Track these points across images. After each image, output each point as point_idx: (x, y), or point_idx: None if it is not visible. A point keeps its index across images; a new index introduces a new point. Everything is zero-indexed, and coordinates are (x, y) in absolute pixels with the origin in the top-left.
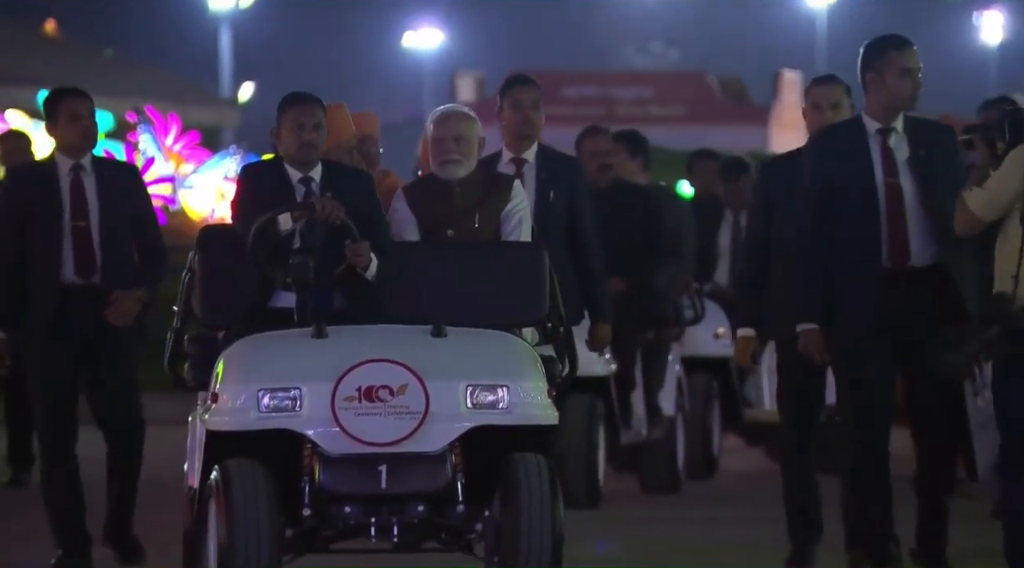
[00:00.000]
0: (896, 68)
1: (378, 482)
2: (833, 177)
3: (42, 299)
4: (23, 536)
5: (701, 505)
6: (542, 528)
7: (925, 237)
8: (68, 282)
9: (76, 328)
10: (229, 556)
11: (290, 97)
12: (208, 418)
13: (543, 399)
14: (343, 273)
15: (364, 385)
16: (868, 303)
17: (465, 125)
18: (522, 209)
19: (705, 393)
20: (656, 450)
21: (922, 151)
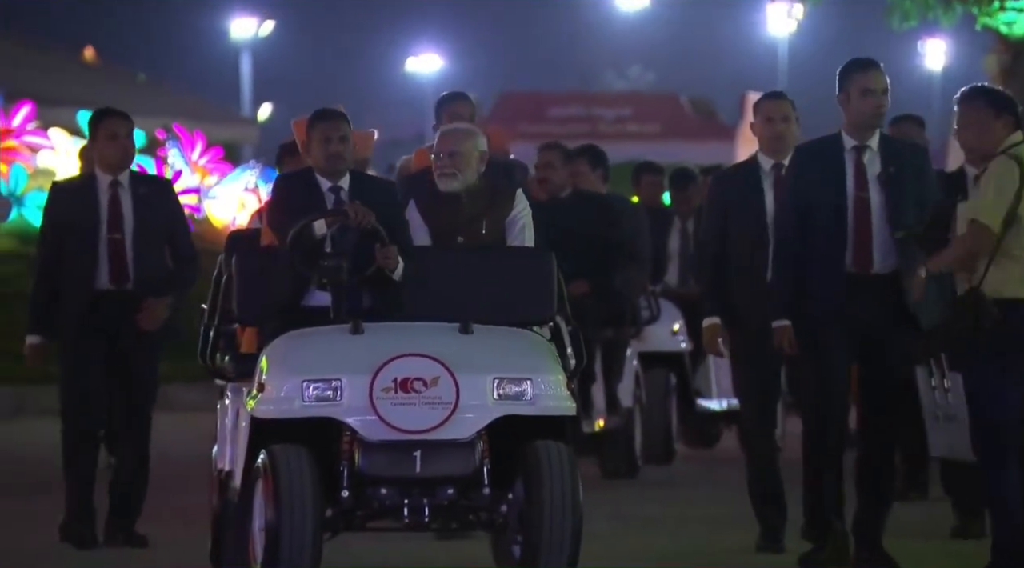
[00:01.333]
0: (859, 88)
1: (413, 466)
2: (809, 189)
3: (76, 304)
4: (28, 519)
5: (661, 488)
6: (564, 510)
7: (887, 248)
8: (102, 289)
9: (106, 329)
10: (276, 533)
11: (319, 113)
12: (255, 406)
13: (563, 391)
14: (372, 274)
15: (400, 377)
16: (832, 303)
17: (460, 141)
18: (525, 216)
19: (663, 386)
20: (615, 438)
21: (892, 168)
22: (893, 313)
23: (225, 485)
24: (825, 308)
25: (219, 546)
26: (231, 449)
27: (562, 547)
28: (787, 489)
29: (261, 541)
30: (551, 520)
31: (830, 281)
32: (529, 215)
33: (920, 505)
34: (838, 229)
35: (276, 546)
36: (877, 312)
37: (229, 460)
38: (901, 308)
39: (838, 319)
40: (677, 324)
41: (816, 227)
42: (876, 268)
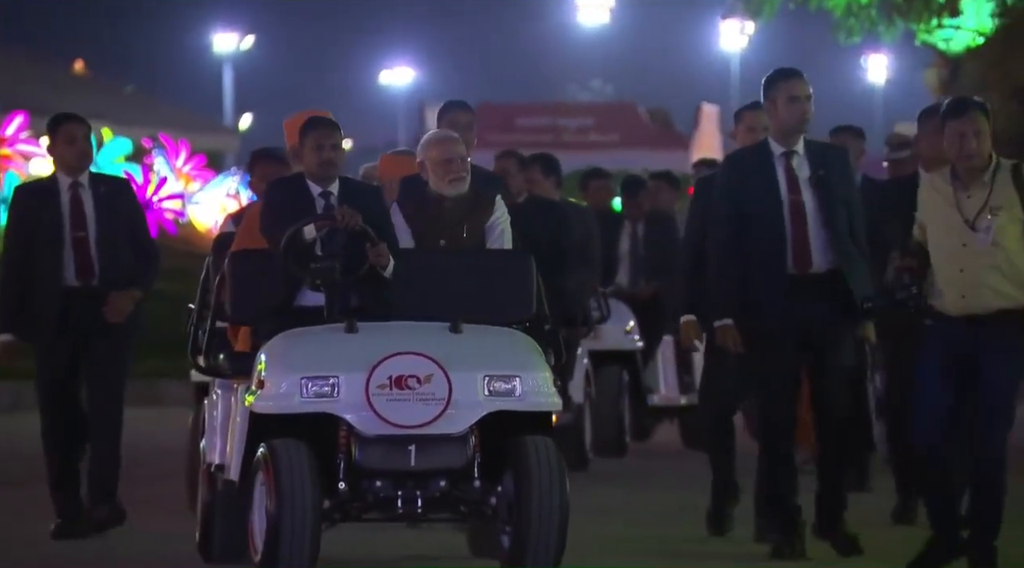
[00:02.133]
0: (785, 96)
1: (408, 460)
2: (744, 194)
3: (46, 300)
4: (21, 510)
5: (613, 480)
6: (552, 502)
7: (824, 246)
8: (69, 285)
9: (76, 325)
10: (277, 524)
11: (311, 121)
12: (255, 402)
13: (549, 388)
14: (365, 273)
15: (395, 374)
16: (776, 303)
17: (460, 146)
18: (503, 221)
19: (616, 383)
20: (566, 433)
21: (821, 171)
22: (834, 309)
23: (215, 478)
24: (769, 308)
25: (208, 537)
26: (221, 442)
27: (550, 537)
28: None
29: (261, 531)
30: (540, 512)
31: (773, 282)
32: (507, 220)
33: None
34: (776, 232)
35: (277, 536)
36: (818, 309)
37: (220, 453)
38: (841, 303)
39: (782, 318)
40: (630, 323)
41: (754, 231)
42: (815, 267)
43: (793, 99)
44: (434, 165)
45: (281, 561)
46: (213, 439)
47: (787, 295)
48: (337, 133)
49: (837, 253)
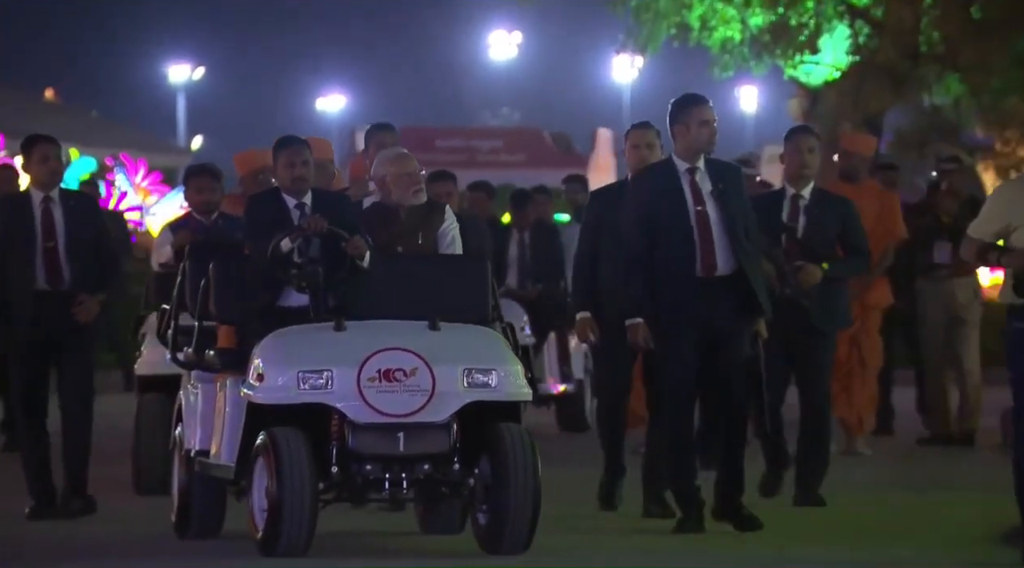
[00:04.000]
0: (697, 120)
1: (397, 445)
2: (653, 206)
3: (20, 304)
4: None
5: None
6: (527, 483)
7: (727, 251)
8: (40, 289)
9: (47, 325)
10: (279, 504)
11: (283, 140)
12: (255, 394)
13: (522, 380)
14: (347, 272)
15: (383, 368)
16: (685, 304)
17: (416, 162)
18: (454, 229)
19: None
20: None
21: (720, 185)
22: (735, 307)
23: (192, 462)
24: (678, 308)
25: (183, 516)
26: (202, 430)
27: (525, 515)
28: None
29: (261, 512)
30: (516, 492)
31: (682, 285)
32: (457, 228)
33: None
34: (685, 239)
35: (279, 516)
36: (722, 308)
37: (200, 440)
38: (741, 302)
39: (689, 318)
40: (524, 320)
41: (665, 239)
42: (720, 271)
43: (704, 123)
44: (396, 179)
45: (283, 538)
46: (192, 427)
47: (695, 295)
48: (307, 150)
49: (738, 257)
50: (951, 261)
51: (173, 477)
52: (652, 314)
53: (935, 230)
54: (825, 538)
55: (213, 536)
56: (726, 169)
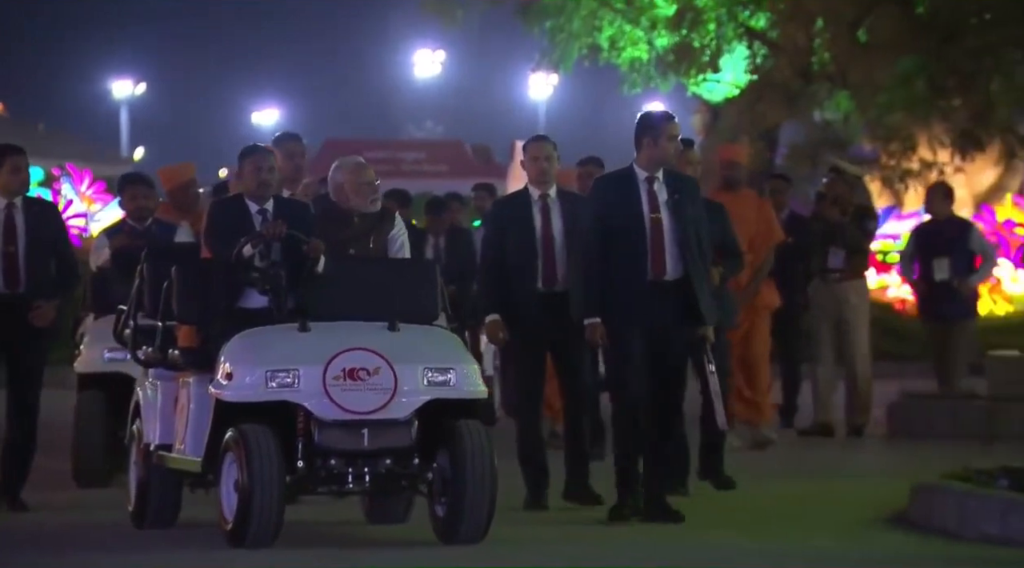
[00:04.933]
0: (667, 135)
1: (361, 441)
2: (611, 212)
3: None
4: None
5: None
6: (484, 477)
7: (676, 258)
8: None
9: (1, 328)
10: (249, 497)
11: (250, 148)
12: (224, 392)
13: (478, 378)
14: (306, 275)
15: (347, 367)
16: (636, 305)
17: (371, 171)
18: (403, 234)
19: None
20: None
21: (676, 195)
22: (680, 310)
23: (151, 455)
24: (629, 309)
25: (142, 507)
26: (162, 425)
27: (482, 507)
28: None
29: (230, 504)
30: (474, 486)
31: (634, 287)
32: (406, 233)
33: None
34: (639, 244)
35: (248, 508)
36: (669, 309)
37: (159, 434)
38: (686, 305)
39: (639, 318)
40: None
41: (620, 243)
42: (669, 275)
43: (672, 138)
44: (355, 187)
45: (251, 529)
46: (152, 422)
47: (645, 297)
48: (272, 158)
49: (686, 264)
50: (844, 266)
51: (130, 470)
52: (605, 314)
53: (829, 237)
54: (734, 524)
55: (169, 526)
56: (684, 180)
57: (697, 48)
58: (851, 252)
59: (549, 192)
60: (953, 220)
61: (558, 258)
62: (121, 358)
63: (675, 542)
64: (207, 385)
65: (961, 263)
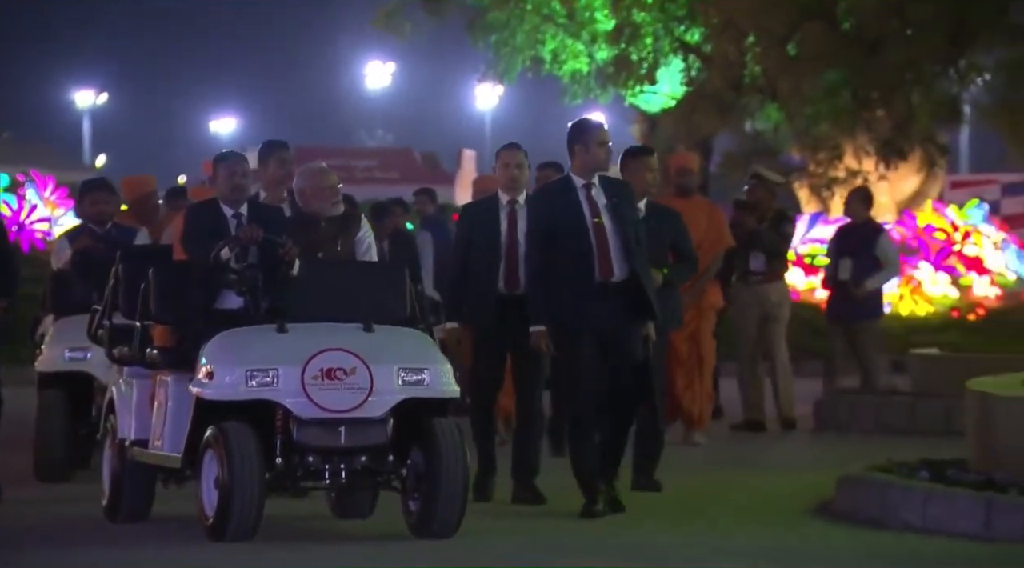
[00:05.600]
0: (597, 141)
1: (339, 438)
2: (552, 219)
3: None
4: None
5: None
6: (457, 474)
7: (622, 259)
8: None
9: None
10: (229, 492)
11: (224, 154)
12: (205, 390)
13: (450, 378)
14: (281, 278)
15: (325, 367)
16: (585, 308)
17: (333, 176)
18: (369, 236)
19: None
20: None
21: (614, 199)
22: (630, 308)
23: (125, 450)
24: (578, 312)
25: (115, 501)
26: (137, 421)
27: (455, 503)
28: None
29: (211, 500)
30: (447, 482)
31: (582, 290)
32: (372, 236)
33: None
34: (584, 249)
35: (229, 503)
36: (618, 309)
37: (134, 430)
38: (635, 304)
39: (589, 320)
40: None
41: (566, 249)
42: (616, 276)
43: (602, 144)
44: (317, 191)
45: (232, 524)
46: (127, 418)
47: (594, 298)
48: (246, 164)
49: (632, 264)
50: (764, 268)
51: (104, 465)
52: (554, 319)
53: (749, 241)
54: (667, 516)
55: (143, 520)
56: (618, 185)
57: (635, 61)
58: (770, 255)
59: (518, 198)
60: (868, 224)
61: (521, 262)
62: (81, 357)
63: (612, 535)
64: (185, 384)
65: (865, 266)
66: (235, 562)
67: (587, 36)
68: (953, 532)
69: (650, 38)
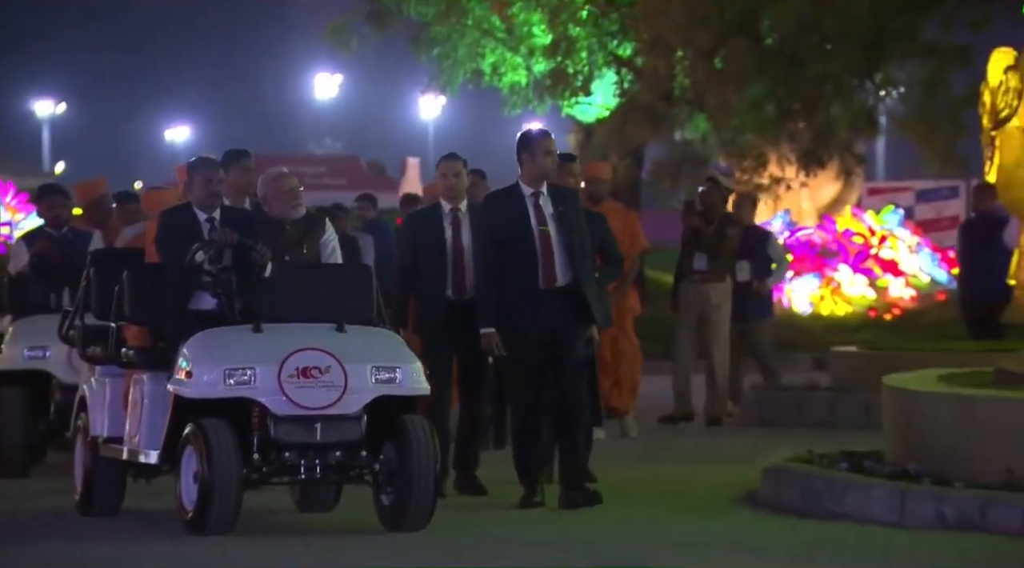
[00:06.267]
0: (543, 150)
1: (315, 434)
2: (502, 226)
3: None
4: None
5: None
6: (428, 468)
7: (565, 265)
8: None
9: None
10: (209, 487)
11: (200, 160)
12: (184, 389)
13: (421, 376)
14: (254, 280)
15: (301, 366)
16: (531, 312)
17: (294, 180)
18: (334, 239)
19: None
20: None
21: (561, 207)
22: (573, 312)
23: (98, 447)
24: (524, 316)
25: (88, 495)
26: (110, 419)
27: (427, 497)
28: None
29: (189, 494)
30: (419, 477)
31: (528, 295)
32: (336, 239)
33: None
34: (530, 255)
35: (209, 497)
36: (562, 313)
37: (107, 427)
38: (578, 308)
39: (534, 323)
40: None
41: (512, 255)
42: (560, 282)
43: (548, 153)
44: (278, 195)
45: (212, 518)
46: (99, 415)
47: (538, 303)
48: (220, 171)
49: (575, 270)
50: (706, 269)
51: (75, 461)
52: (502, 321)
53: (694, 242)
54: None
55: (114, 513)
56: (566, 193)
57: (571, 74)
58: (712, 256)
59: (460, 206)
60: (756, 228)
61: (467, 268)
62: (40, 356)
63: (549, 524)
64: (162, 382)
65: (760, 267)
66: (213, 555)
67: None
68: (870, 519)
69: (585, 52)
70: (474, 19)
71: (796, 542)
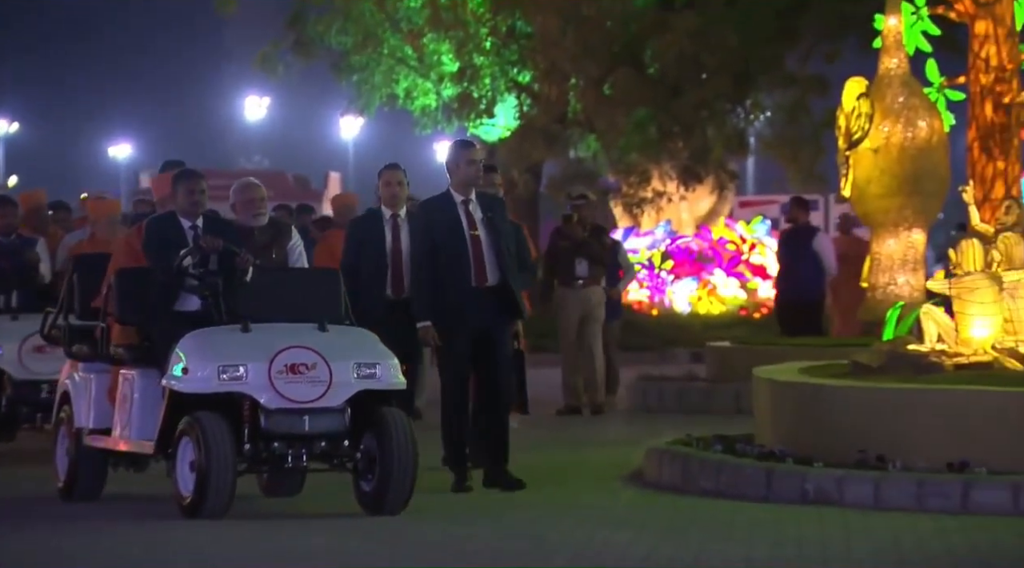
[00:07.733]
0: (466, 159)
1: (303, 426)
2: (435, 231)
3: None
4: None
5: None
6: (407, 457)
7: (495, 266)
8: None
9: None
10: (207, 474)
11: (184, 172)
12: (179, 384)
13: (398, 372)
14: (238, 283)
15: (289, 362)
16: (462, 309)
17: (263, 190)
18: (299, 245)
19: None
20: None
21: (489, 213)
22: (502, 309)
23: (82, 437)
24: (456, 313)
25: (71, 482)
26: (95, 410)
27: (405, 484)
28: None
29: (185, 482)
30: (397, 465)
31: (460, 294)
32: (302, 244)
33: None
34: (462, 257)
35: (206, 483)
36: (492, 310)
37: (92, 419)
38: (505, 307)
39: (465, 320)
40: None
41: (446, 257)
42: (489, 282)
43: (471, 162)
44: (246, 203)
45: (208, 503)
46: (84, 408)
47: (471, 301)
48: (203, 181)
49: (503, 271)
50: (587, 274)
51: (57, 451)
52: (436, 317)
53: (575, 251)
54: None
55: (96, 499)
56: (493, 200)
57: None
58: (592, 263)
59: (399, 212)
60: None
61: (406, 270)
62: None
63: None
64: (152, 378)
65: (611, 273)
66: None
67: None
68: (741, 496)
69: (488, 79)
70: (389, 48)
71: (674, 519)
